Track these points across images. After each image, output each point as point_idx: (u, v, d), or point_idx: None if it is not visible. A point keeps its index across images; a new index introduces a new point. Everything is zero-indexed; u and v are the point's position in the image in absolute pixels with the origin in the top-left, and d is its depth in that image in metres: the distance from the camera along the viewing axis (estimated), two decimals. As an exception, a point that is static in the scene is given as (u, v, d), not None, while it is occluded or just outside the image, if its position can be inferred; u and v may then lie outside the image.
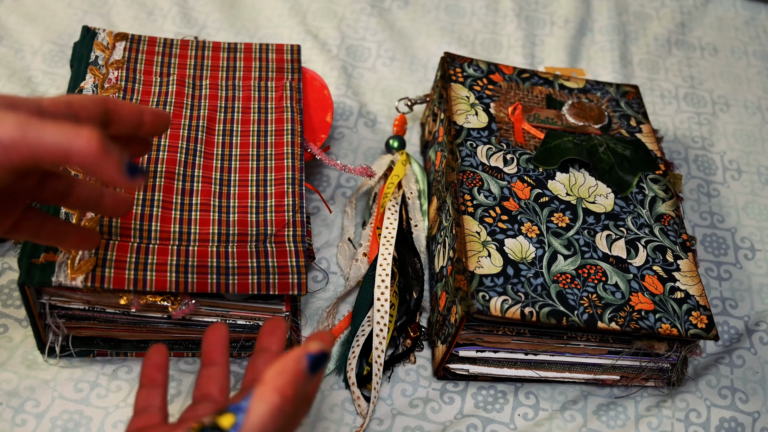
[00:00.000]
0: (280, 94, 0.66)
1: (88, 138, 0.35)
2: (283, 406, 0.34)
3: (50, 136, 0.35)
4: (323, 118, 0.68)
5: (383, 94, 0.81)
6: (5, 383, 0.55)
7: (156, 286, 0.51)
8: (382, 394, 0.58)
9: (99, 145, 0.35)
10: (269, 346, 0.43)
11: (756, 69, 0.90)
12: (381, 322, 0.58)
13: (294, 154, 0.62)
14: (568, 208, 0.60)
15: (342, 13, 0.88)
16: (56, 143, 0.35)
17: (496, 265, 0.55)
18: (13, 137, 0.35)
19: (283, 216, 0.57)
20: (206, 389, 0.43)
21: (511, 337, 0.55)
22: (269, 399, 0.34)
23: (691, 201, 0.75)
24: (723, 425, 0.58)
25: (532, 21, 0.92)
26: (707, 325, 0.55)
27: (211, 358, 0.44)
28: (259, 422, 0.34)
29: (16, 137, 0.35)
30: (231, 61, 0.68)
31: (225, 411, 0.34)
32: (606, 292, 0.55)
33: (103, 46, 0.65)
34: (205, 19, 0.86)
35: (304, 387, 0.36)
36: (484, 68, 0.70)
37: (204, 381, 0.43)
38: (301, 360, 0.35)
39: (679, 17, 0.95)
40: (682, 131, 0.82)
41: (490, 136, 0.64)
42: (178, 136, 0.60)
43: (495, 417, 0.57)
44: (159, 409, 0.42)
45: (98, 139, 0.35)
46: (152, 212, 0.55)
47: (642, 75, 0.87)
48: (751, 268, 0.70)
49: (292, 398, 0.35)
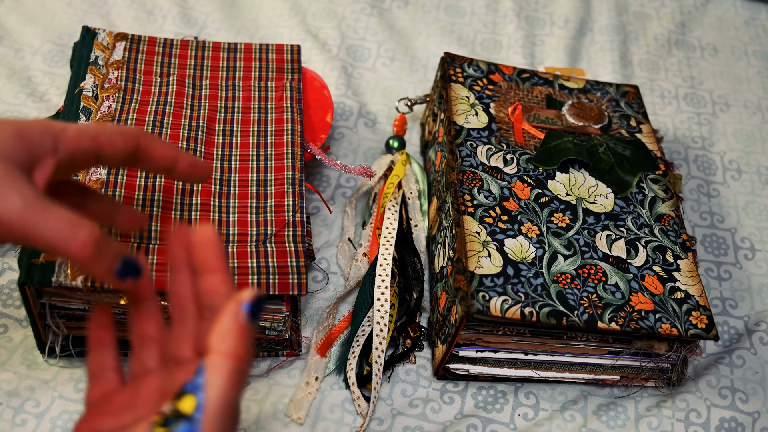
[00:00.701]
0: (280, 94, 0.66)
1: (83, 242, 0.35)
2: (240, 367, 0.33)
3: (48, 228, 0.35)
4: (323, 118, 0.68)
5: (383, 94, 0.81)
6: (5, 383, 0.55)
7: (156, 286, 0.51)
8: (382, 394, 0.58)
9: (93, 250, 0.35)
10: (181, 262, 0.39)
11: (756, 69, 0.90)
12: (381, 322, 0.58)
13: (294, 154, 0.62)
14: (568, 208, 0.60)
15: (342, 13, 0.88)
16: (51, 238, 0.35)
17: (496, 265, 0.55)
18: (12, 219, 0.34)
19: (283, 216, 0.57)
20: (142, 330, 0.40)
21: (511, 337, 0.55)
22: (224, 367, 0.33)
23: (691, 201, 0.75)
24: (723, 425, 0.58)
25: (532, 21, 0.92)
26: (707, 325, 0.55)
27: (138, 295, 0.41)
28: (221, 394, 0.32)
29: (15, 220, 0.34)
30: (231, 61, 0.68)
31: (182, 393, 0.32)
32: (606, 292, 0.55)
33: (103, 46, 0.65)
34: (205, 19, 0.86)
35: (251, 338, 0.34)
36: (484, 68, 0.70)
37: (137, 322, 0.41)
38: (239, 314, 0.34)
39: (679, 17, 0.95)
40: (682, 131, 0.82)
41: (490, 136, 0.64)
42: (178, 136, 0.60)
43: (495, 417, 0.57)
44: (113, 369, 0.41)
45: (94, 242, 0.35)
46: (152, 212, 0.55)
47: (642, 75, 0.87)
48: (751, 268, 0.70)
49: (245, 356, 0.33)
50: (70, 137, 0.38)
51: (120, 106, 0.62)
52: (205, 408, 0.32)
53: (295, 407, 0.56)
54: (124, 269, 0.38)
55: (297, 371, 0.58)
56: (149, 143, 0.42)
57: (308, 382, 0.57)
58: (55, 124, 0.38)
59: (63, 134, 0.38)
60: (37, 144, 0.37)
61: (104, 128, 0.40)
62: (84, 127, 0.39)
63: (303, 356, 0.59)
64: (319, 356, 0.58)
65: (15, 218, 0.34)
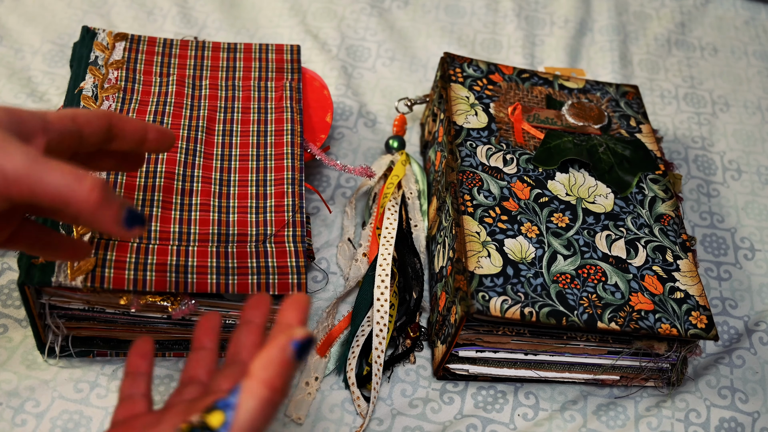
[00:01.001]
0: (280, 95, 0.66)
1: (90, 188, 0.35)
2: (273, 398, 0.34)
3: (53, 179, 0.35)
4: (323, 118, 0.68)
5: (383, 94, 0.81)
6: (5, 383, 0.55)
7: (156, 286, 0.51)
8: (382, 394, 0.58)
9: (100, 196, 0.36)
10: (253, 319, 0.43)
11: (756, 69, 0.90)
12: (381, 322, 0.58)
13: (294, 155, 0.62)
14: (568, 208, 0.60)
15: (342, 13, 0.88)
16: (57, 187, 0.35)
17: (495, 265, 0.55)
18: (17, 172, 0.35)
19: (283, 216, 0.57)
20: (194, 372, 0.43)
21: (510, 337, 0.55)
22: (258, 393, 0.33)
23: (691, 201, 0.75)
24: (723, 425, 0.58)
25: (532, 21, 0.92)
26: (707, 325, 0.55)
27: (201, 342, 0.44)
28: (249, 418, 0.33)
29: (21, 173, 0.35)
30: (231, 61, 0.68)
31: (213, 408, 0.33)
32: (606, 292, 0.55)
33: (102, 47, 0.65)
34: (205, 19, 0.86)
35: (291, 375, 0.35)
36: (483, 68, 0.70)
37: (192, 364, 0.43)
38: (286, 349, 0.34)
39: (679, 17, 0.95)
40: (682, 131, 0.82)
41: (490, 136, 0.64)
42: (178, 136, 0.60)
43: (495, 417, 0.57)
44: (143, 395, 0.42)
45: (100, 188, 0.36)
46: (152, 212, 0.55)
47: (642, 75, 0.87)
48: (751, 268, 0.70)
49: (281, 389, 0.34)
50: (54, 118, 0.39)
51: (120, 106, 0.62)
52: (231, 427, 0.32)
53: (295, 407, 0.56)
54: (130, 218, 0.38)
55: (297, 371, 0.58)
56: (119, 119, 0.43)
57: (308, 382, 0.57)
58: (37, 110, 0.39)
59: (47, 116, 0.39)
60: (27, 121, 0.38)
61: (79, 111, 0.41)
62: (62, 111, 0.40)
63: (303, 356, 0.59)
64: (319, 356, 0.58)
65: (21, 171, 0.35)
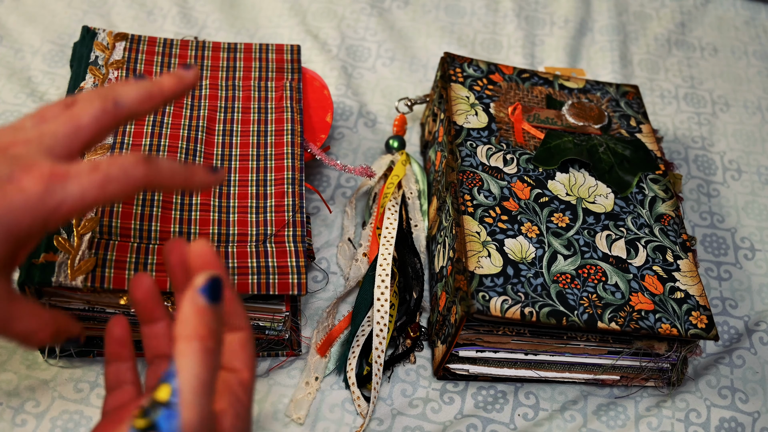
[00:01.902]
0: (280, 94, 0.66)
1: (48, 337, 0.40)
2: (207, 346, 0.33)
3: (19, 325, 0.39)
4: (323, 118, 0.68)
5: (383, 94, 0.81)
6: (5, 383, 0.55)
7: (156, 286, 0.51)
8: (382, 394, 0.58)
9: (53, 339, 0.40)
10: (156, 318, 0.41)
11: (756, 69, 0.90)
12: (381, 322, 0.58)
13: (294, 154, 0.62)
14: (568, 208, 0.60)
15: (342, 13, 0.88)
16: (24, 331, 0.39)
17: (496, 265, 0.55)
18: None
19: (283, 216, 0.57)
20: (156, 349, 0.41)
21: (511, 337, 0.55)
22: (190, 349, 0.32)
23: (691, 201, 0.75)
24: (723, 425, 0.58)
25: (532, 21, 0.92)
26: (707, 325, 0.55)
27: (116, 355, 0.42)
28: (193, 375, 0.32)
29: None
30: (231, 61, 0.68)
31: (159, 384, 0.32)
32: (606, 292, 0.55)
33: (103, 46, 0.65)
34: (205, 19, 0.86)
35: (215, 319, 0.34)
36: (484, 68, 0.70)
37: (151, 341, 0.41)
38: (196, 298, 0.33)
39: (679, 17, 0.95)
40: (682, 131, 0.82)
41: (490, 136, 0.64)
42: (178, 136, 0.60)
43: (495, 417, 0.57)
44: (131, 382, 0.41)
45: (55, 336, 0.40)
46: (152, 212, 0.55)
47: (642, 75, 0.87)
48: (751, 268, 0.70)
49: (210, 335, 0.33)
50: (64, 213, 0.36)
51: (120, 106, 0.62)
52: (180, 391, 0.31)
53: (295, 407, 0.56)
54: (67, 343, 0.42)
55: (297, 371, 0.58)
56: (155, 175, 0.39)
57: (308, 382, 0.57)
58: (50, 199, 0.35)
59: (57, 212, 0.36)
60: (25, 236, 0.36)
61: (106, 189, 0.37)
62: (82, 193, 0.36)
63: (303, 356, 0.59)
64: (319, 356, 0.58)
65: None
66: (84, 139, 0.39)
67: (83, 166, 0.36)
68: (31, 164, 0.36)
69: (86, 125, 0.39)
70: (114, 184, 0.37)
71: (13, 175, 0.35)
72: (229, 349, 0.38)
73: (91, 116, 0.39)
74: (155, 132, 0.60)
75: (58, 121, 0.38)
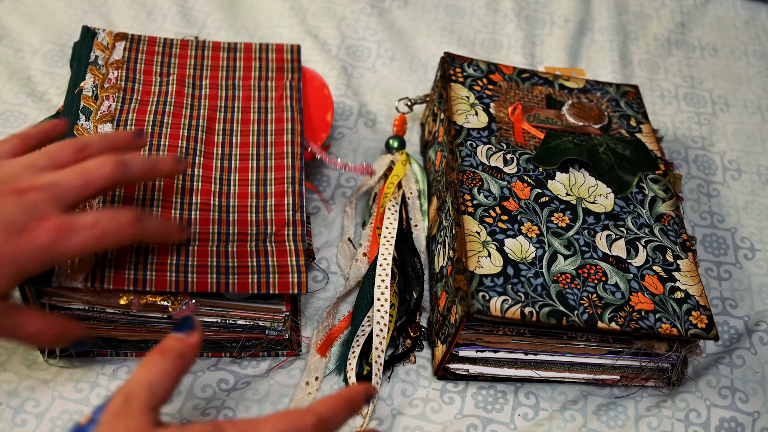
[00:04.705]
0: (280, 94, 0.66)
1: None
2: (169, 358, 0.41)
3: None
4: (323, 117, 0.68)
5: (383, 94, 0.81)
6: (5, 383, 0.55)
7: (156, 285, 0.51)
8: (382, 394, 0.58)
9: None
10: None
11: (756, 69, 0.90)
12: (381, 322, 0.58)
13: (294, 154, 0.62)
14: (568, 208, 0.60)
15: (342, 13, 0.88)
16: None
17: (496, 265, 0.55)
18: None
19: (283, 215, 0.57)
20: None
21: (511, 337, 0.55)
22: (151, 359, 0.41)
23: (691, 201, 0.75)
24: (723, 425, 0.58)
25: (532, 21, 0.92)
26: (707, 325, 0.55)
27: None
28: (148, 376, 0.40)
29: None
30: (231, 60, 0.68)
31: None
32: (606, 292, 0.55)
33: (102, 46, 0.65)
34: (205, 18, 0.86)
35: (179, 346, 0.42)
36: (484, 68, 0.70)
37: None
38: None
39: (679, 17, 0.95)
40: (682, 131, 0.82)
41: (490, 136, 0.64)
42: (178, 135, 0.60)
43: (495, 417, 0.57)
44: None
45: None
46: (151, 211, 0.55)
47: (642, 75, 0.87)
48: (751, 268, 0.70)
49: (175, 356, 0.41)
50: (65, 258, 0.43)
51: (120, 106, 0.62)
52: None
53: (295, 407, 0.56)
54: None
55: (297, 371, 0.58)
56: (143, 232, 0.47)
57: (308, 382, 0.57)
58: (56, 248, 0.42)
59: (59, 258, 0.43)
60: (29, 275, 0.43)
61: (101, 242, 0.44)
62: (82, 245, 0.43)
63: (303, 356, 0.59)
64: (319, 356, 0.58)
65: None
66: (91, 193, 0.45)
67: (87, 220, 0.43)
68: (44, 216, 0.42)
69: (95, 182, 0.45)
70: (109, 239, 0.44)
71: (28, 225, 0.41)
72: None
73: (100, 177, 0.45)
74: (155, 132, 0.60)
75: (71, 174, 0.44)
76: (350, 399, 0.43)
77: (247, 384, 0.57)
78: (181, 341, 0.43)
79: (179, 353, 0.42)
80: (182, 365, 0.42)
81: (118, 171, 0.46)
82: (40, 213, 0.42)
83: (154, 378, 0.40)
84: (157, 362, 0.41)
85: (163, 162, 0.50)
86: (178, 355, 0.42)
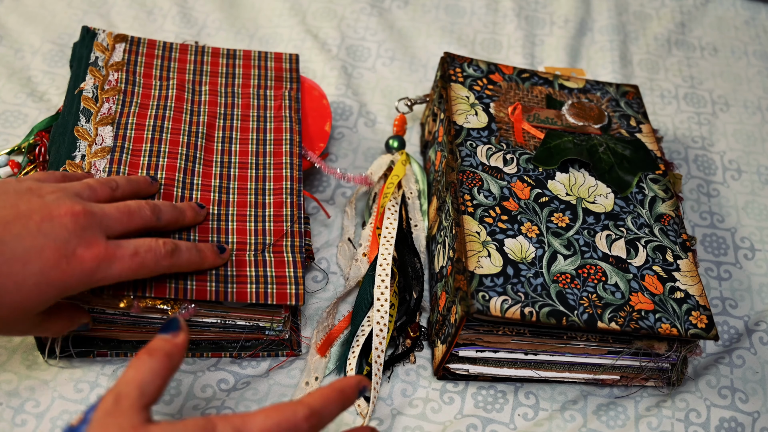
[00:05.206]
0: (279, 104, 0.66)
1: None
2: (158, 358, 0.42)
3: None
4: (322, 127, 0.68)
5: (383, 94, 0.81)
6: (5, 383, 0.55)
7: (155, 292, 0.51)
8: (382, 394, 0.58)
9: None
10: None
11: (756, 69, 0.90)
12: (381, 322, 0.58)
13: (293, 165, 0.61)
14: (568, 208, 0.60)
15: (342, 13, 0.88)
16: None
17: (496, 265, 0.55)
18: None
19: (282, 226, 0.57)
20: None
21: (511, 337, 0.55)
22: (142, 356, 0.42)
23: (691, 201, 0.75)
24: (723, 425, 0.58)
25: (532, 21, 0.92)
26: (707, 325, 0.55)
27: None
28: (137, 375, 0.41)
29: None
30: (230, 67, 0.67)
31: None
32: (606, 292, 0.55)
33: (102, 47, 0.65)
34: (205, 19, 0.86)
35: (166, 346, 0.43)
36: (484, 68, 0.70)
37: None
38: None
39: (679, 17, 0.95)
40: (682, 131, 0.82)
41: (490, 136, 0.64)
42: (178, 141, 0.60)
43: (495, 417, 0.57)
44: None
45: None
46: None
47: (642, 75, 0.87)
48: (751, 268, 0.70)
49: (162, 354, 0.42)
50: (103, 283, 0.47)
51: (120, 109, 0.61)
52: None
53: (295, 407, 0.56)
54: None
55: (297, 371, 0.58)
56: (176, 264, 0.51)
57: (308, 382, 0.57)
58: (98, 274, 0.46)
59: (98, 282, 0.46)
60: (71, 294, 0.46)
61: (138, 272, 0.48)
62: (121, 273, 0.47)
63: (303, 356, 0.59)
64: (319, 356, 0.58)
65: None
66: (130, 230, 0.49)
67: (128, 250, 0.47)
68: (92, 242, 0.46)
69: (135, 222, 0.50)
70: (144, 270, 0.48)
71: (77, 249, 0.45)
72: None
73: (140, 218, 0.50)
74: (155, 137, 0.60)
75: (117, 209, 0.49)
76: (343, 391, 0.44)
77: (247, 384, 0.57)
78: (167, 342, 0.44)
79: (167, 353, 0.43)
80: (170, 365, 0.43)
81: (154, 216, 0.51)
82: (89, 238, 0.46)
83: (144, 377, 0.41)
84: (145, 362, 0.42)
85: (189, 210, 0.55)
86: (166, 355, 0.43)
